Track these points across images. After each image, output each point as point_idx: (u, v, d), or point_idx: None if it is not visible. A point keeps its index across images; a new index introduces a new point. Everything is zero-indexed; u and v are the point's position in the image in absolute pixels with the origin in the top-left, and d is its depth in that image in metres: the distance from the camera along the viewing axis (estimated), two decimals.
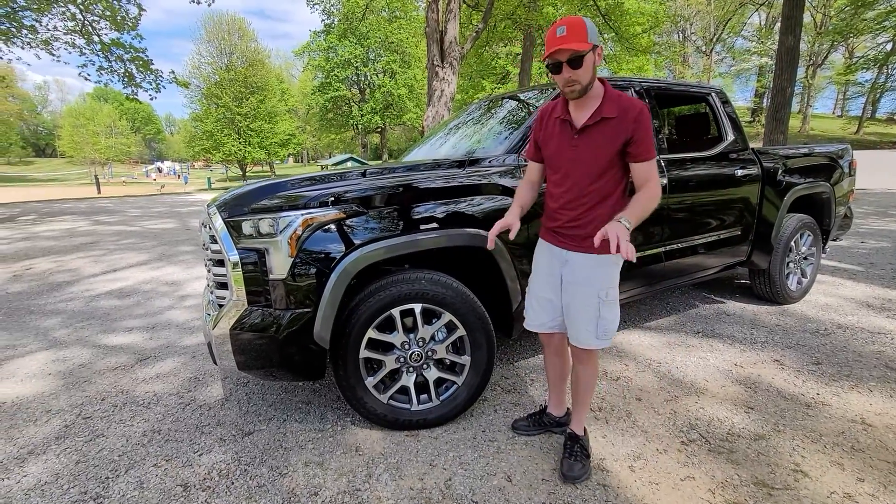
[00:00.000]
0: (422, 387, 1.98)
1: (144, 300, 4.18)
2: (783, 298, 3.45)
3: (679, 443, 1.83)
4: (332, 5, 17.95)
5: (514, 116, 2.65)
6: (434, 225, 1.86)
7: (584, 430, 1.75)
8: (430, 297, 1.85)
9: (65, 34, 13.46)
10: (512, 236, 1.59)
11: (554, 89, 2.44)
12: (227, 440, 1.94)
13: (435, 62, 9.85)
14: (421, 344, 1.91)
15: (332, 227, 1.71)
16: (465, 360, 1.97)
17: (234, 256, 1.69)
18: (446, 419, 1.99)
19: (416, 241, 1.82)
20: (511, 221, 1.60)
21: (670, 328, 3.11)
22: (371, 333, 1.82)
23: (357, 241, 1.73)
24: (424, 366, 1.95)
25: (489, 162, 2.09)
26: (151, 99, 15.02)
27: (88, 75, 14.03)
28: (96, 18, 13.80)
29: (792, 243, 3.39)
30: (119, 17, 13.74)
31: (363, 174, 1.90)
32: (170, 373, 2.64)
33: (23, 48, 12.75)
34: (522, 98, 2.78)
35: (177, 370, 2.67)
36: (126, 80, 14.19)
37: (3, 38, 12.47)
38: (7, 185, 37.35)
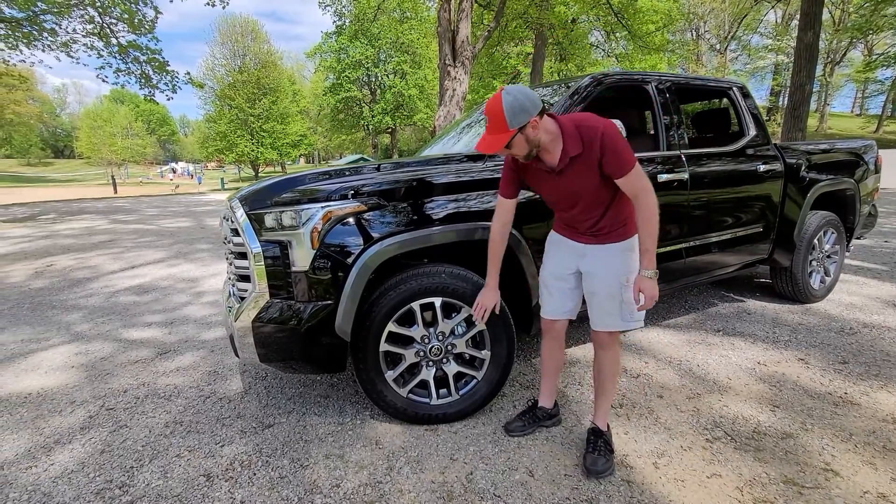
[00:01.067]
0: (441, 381, 1.98)
1: (163, 296, 4.23)
2: (806, 297, 3.38)
3: (704, 440, 1.80)
4: (343, 7, 18.03)
5: None
6: (453, 219, 1.85)
7: (608, 425, 1.73)
8: (451, 292, 1.84)
9: (83, 37, 13.74)
10: (497, 310, 1.80)
11: (569, 86, 2.41)
12: (248, 432, 1.95)
13: (447, 61, 9.85)
14: (441, 338, 1.90)
15: (353, 220, 1.71)
16: (485, 354, 1.96)
17: (257, 248, 1.70)
18: (465, 414, 1.98)
19: (435, 234, 1.82)
20: (494, 298, 1.77)
21: (690, 326, 3.06)
22: (391, 327, 1.82)
23: (377, 235, 1.73)
24: (444, 360, 1.94)
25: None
26: (168, 100, 15.22)
27: (106, 77, 14.23)
28: (114, 21, 14.07)
29: (815, 241, 3.31)
30: (136, 20, 14.01)
31: (377, 168, 1.90)
32: (189, 366, 2.67)
33: (43, 51, 13.03)
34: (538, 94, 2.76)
35: (196, 364, 2.70)
36: (143, 81, 14.44)
37: (25, 41, 12.79)
38: (27, 185, 38.24)
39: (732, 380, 2.30)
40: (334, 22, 18.16)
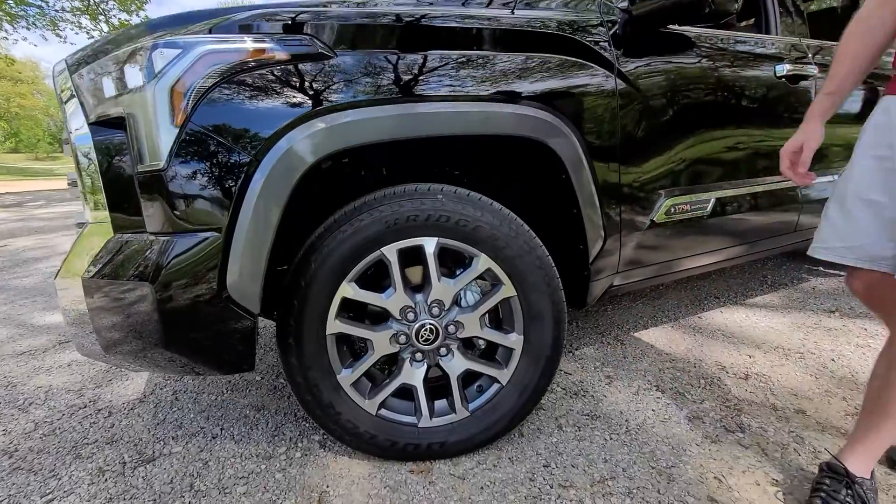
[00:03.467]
0: (438, 387, 1.16)
1: None
2: None
3: None
4: None
5: None
6: (460, 94, 1.02)
7: (872, 471, 0.97)
8: (453, 227, 1.02)
9: (72, 15, 13.22)
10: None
11: None
12: (109, 472, 1.15)
13: None
14: (437, 311, 1.08)
15: (268, 74, 0.88)
16: (515, 340, 1.13)
17: (84, 137, 0.89)
18: (479, 443, 1.16)
19: (426, 114, 0.99)
20: (819, 136, 0.97)
21: (786, 306, 2.21)
22: (347, 290, 1.01)
23: (316, 106, 0.90)
24: (442, 350, 1.12)
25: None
26: None
27: None
28: None
29: None
30: None
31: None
32: (86, 360, 1.90)
33: (28, 28, 12.43)
34: None
35: None
36: None
37: (8, 18, 12.19)
38: (34, 178, 38.01)
39: None
40: None
